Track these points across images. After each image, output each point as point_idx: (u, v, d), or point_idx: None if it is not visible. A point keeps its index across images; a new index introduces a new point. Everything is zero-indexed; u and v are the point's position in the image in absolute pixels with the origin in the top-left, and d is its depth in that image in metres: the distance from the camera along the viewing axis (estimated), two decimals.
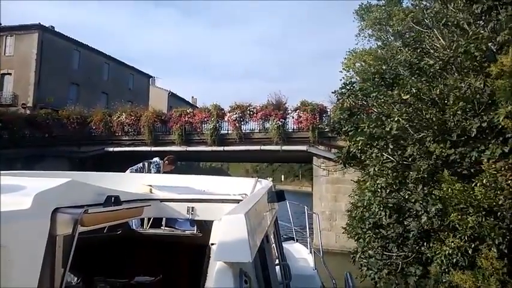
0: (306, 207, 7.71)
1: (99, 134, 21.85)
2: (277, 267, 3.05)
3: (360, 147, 7.46)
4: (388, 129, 7.13)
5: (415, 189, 6.82)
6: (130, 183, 2.95)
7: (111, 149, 21.33)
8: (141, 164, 7.27)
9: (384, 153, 7.53)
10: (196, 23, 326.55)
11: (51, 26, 36.64)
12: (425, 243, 7.07)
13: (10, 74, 33.70)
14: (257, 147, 18.87)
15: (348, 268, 4.65)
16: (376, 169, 7.33)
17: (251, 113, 19.01)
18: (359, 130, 8.21)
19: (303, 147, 17.86)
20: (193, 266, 2.60)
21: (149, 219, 4.45)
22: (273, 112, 18.45)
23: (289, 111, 18.71)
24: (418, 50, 9.17)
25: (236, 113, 19.02)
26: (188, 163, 37.29)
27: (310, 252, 5.99)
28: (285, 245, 4.98)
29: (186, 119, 20.04)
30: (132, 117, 21.06)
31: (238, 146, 19.25)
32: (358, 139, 7.42)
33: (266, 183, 3.23)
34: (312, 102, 17.98)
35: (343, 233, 13.17)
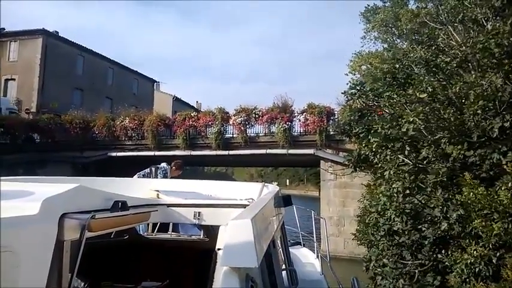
0: (312, 211, 7.60)
1: (102, 138, 21.54)
2: (284, 272, 3.06)
3: (374, 150, 7.03)
4: (404, 130, 6.71)
5: (434, 194, 6.39)
6: (138, 188, 2.95)
7: (114, 154, 20.98)
8: (148, 169, 7.27)
9: (399, 156, 7.11)
10: (196, 24, 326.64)
11: (55, 31, 36.66)
12: (442, 251, 6.65)
13: (14, 79, 33.68)
14: (263, 151, 18.44)
15: (357, 276, 4.26)
16: (392, 172, 6.90)
17: (256, 116, 18.61)
18: (372, 131, 7.80)
19: (310, 151, 17.42)
20: (200, 271, 2.60)
21: (154, 224, 4.47)
22: (279, 115, 18.02)
23: (296, 114, 18.30)
24: (433, 48, 8.76)
25: (241, 116, 18.62)
26: (192, 168, 36.93)
27: (317, 257, 5.91)
28: (292, 249, 4.97)
29: (190, 122, 19.67)
30: (136, 122, 20.72)
31: (244, 150, 18.86)
32: (372, 140, 6.99)
33: (273, 188, 3.21)
34: (319, 105, 17.55)
35: (353, 239, 12.70)
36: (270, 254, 2.13)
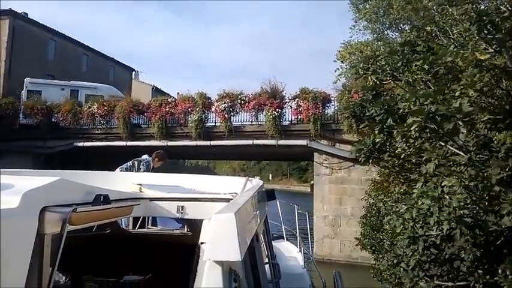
0: (296, 206, 7.61)
1: (67, 126, 19.08)
2: (267, 266, 3.09)
3: (415, 132, 5.03)
4: (456, 105, 4.76)
5: (504, 195, 4.45)
6: (120, 182, 2.92)
7: (81, 144, 18.65)
8: (130, 162, 7.20)
9: (441, 142, 5.18)
10: (188, 22, 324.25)
11: (24, 13, 34.05)
12: (499, 270, 4.80)
13: None
14: (249, 142, 16.20)
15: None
16: (433, 167, 4.94)
17: (242, 102, 16.35)
18: (402, 111, 5.87)
19: (303, 142, 15.34)
20: (183, 265, 2.60)
21: (137, 218, 4.61)
22: (267, 101, 15.78)
23: (287, 100, 16.08)
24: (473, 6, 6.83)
25: (225, 102, 16.35)
26: (171, 160, 34.51)
27: (300, 250, 5.97)
28: (275, 243, 4.99)
29: (167, 109, 17.36)
30: (105, 108, 18.31)
31: (227, 141, 16.63)
32: (412, 121, 5.00)
33: (256, 183, 3.19)
34: (313, 90, 15.52)
35: (356, 245, 10.83)
36: (253, 248, 2.14)
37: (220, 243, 1.38)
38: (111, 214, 1.94)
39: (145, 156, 7.40)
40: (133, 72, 49.58)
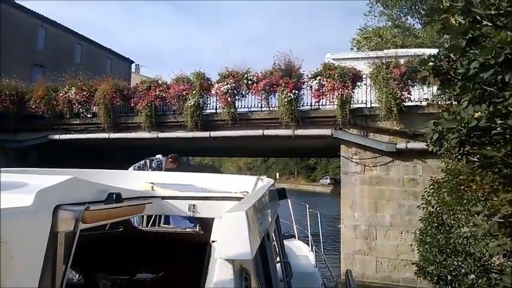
0: (307, 205, 7.53)
1: (41, 116, 15.88)
2: (278, 265, 3.07)
3: None
4: None
5: None
6: (132, 180, 2.93)
7: (57, 137, 15.57)
8: (142, 161, 7.50)
9: None
10: (188, 20, 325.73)
11: None
12: None
13: None
14: (258, 132, 12.86)
15: None
16: None
17: (250, 82, 12.93)
18: None
19: (327, 131, 11.99)
20: (195, 263, 2.55)
21: (149, 216, 5.02)
22: (281, 80, 12.36)
23: (306, 79, 12.57)
24: None
25: (228, 83, 13.02)
26: None
27: (311, 249, 6.02)
28: (286, 242, 4.94)
29: (157, 93, 14.07)
30: (84, 93, 15.11)
31: (231, 131, 13.32)
32: None
33: (268, 181, 3.20)
34: (340, 65, 12.23)
35: (415, 273, 7.69)
36: (264, 247, 2.14)
37: (231, 242, 1.36)
38: (124, 212, 1.96)
39: (158, 156, 7.76)
40: (134, 66, 47.10)
